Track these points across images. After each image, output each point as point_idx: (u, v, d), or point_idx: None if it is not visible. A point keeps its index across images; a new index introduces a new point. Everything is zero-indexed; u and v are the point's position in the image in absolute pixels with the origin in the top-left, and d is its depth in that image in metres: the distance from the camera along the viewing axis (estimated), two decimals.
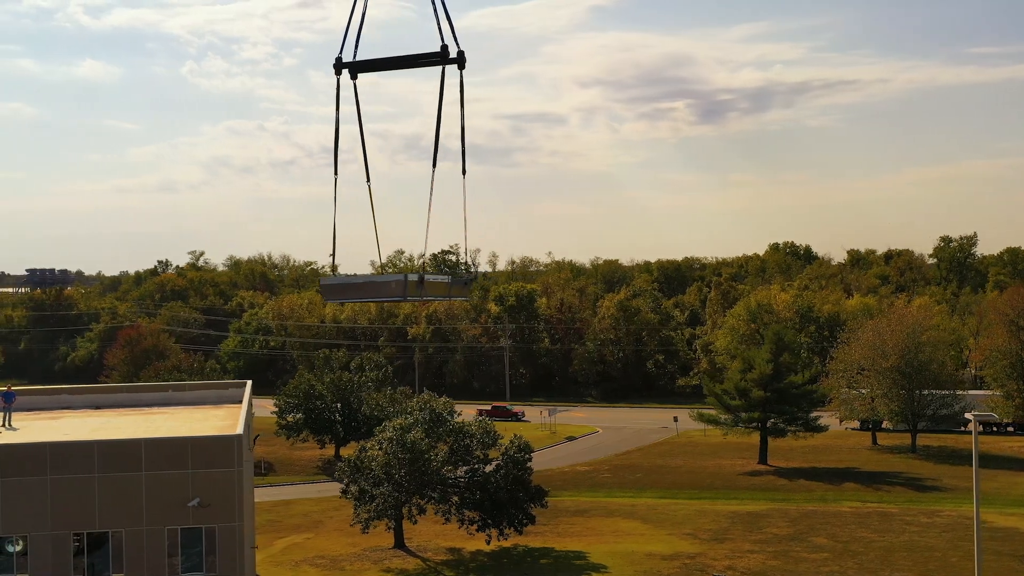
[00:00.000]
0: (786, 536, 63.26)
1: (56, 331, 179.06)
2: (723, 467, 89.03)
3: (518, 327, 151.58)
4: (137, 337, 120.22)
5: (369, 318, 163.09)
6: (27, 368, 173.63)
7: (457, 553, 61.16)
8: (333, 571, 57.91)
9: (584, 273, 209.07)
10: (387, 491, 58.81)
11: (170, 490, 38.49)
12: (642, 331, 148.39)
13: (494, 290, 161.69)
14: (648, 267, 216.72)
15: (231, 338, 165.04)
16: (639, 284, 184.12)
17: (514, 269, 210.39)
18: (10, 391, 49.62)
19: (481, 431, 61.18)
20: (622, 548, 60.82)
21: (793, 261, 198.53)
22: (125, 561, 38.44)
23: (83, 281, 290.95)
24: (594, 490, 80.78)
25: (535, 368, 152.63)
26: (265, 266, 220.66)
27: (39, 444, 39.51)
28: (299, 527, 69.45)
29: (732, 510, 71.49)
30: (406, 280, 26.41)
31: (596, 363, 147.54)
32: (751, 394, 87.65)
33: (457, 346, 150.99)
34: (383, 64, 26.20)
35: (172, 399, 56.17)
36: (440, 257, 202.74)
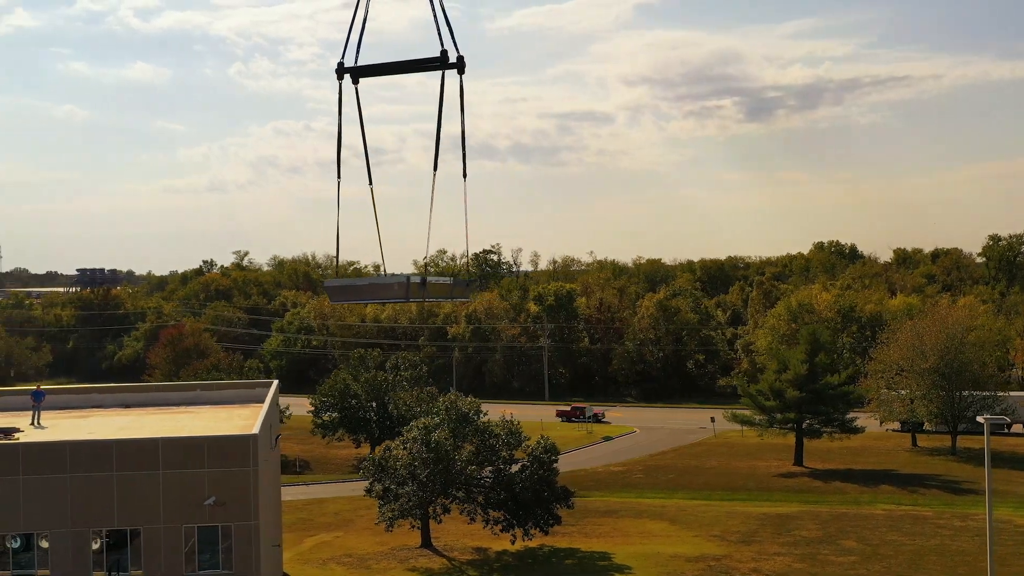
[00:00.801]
0: (815, 539, 62.65)
1: (103, 330, 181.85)
2: (757, 468, 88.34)
3: (557, 327, 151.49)
4: (178, 336, 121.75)
5: (410, 317, 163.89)
6: (75, 366, 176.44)
7: (483, 553, 61.28)
8: (359, 570, 58.26)
9: (626, 272, 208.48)
10: (411, 490, 59.05)
11: (187, 489, 39.05)
12: (682, 331, 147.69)
13: (533, 290, 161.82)
14: (691, 266, 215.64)
15: (273, 337, 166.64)
16: (681, 283, 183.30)
17: (555, 268, 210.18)
18: (39, 390, 50.61)
19: (506, 431, 61.21)
20: (648, 549, 60.60)
21: (838, 260, 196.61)
22: (143, 558, 39.01)
23: (133, 281, 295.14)
24: (625, 491, 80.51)
25: (574, 368, 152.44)
26: (309, 266, 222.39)
27: (59, 443, 40.24)
28: (330, 525, 69.93)
29: (762, 512, 70.92)
30: (408, 282, 26.64)
31: (635, 363, 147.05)
32: (786, 395, 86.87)
33: (496, 346, 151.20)
34: (384, 69, 26.43)
35: (200, 398, 56.94)
36: (481, 256, 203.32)
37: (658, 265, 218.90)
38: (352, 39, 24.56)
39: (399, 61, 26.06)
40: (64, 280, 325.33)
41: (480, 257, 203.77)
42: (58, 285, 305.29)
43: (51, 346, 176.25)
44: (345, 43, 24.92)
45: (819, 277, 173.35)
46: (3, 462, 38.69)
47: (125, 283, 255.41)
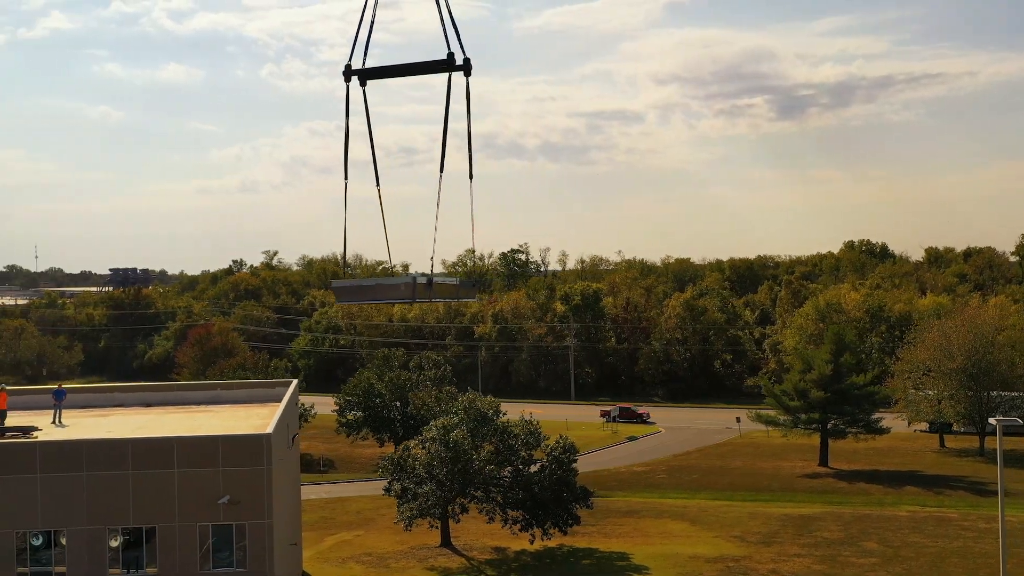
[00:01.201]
0: (836, 540, 62.22)
1: (135, 329, 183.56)
2: (782, 469, 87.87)
3: (584, 326, 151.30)
4: (206, 336, 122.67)
5: (437, 317, 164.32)
6: (106, 365, 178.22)
7: (501, 552, 61.33)
8: (378, 568, 58.47)
9: (654, 272, 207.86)
10: (430, 490, 59.20)
11: (202, 488, 39.34)
12: (709, 330, 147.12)
13: (560, 289, 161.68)
14: (720, 265, 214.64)
15: (302, 337, 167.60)
16: (709, 283, 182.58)
17: (583, 268, 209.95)
18: (60, 389, 51.19)
19: (525, 431, 61.22)
20: (667, 550, 60.43)
21: (868, 259, 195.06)
22: (159, 556, 39.36)
23: (165, 280, 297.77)
24: (648, 491, 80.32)
25: (601, 367, 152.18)
26: (338, 265, 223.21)
27: (76, 442, 40.69)
28: (351, 524, 70.23)
29: (784, 513, 70.52)
30: (415, 282, 26.76)
31: (662, 363, 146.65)
32: (810, 395, 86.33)
33: (523, 345, 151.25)
34: (392, 71, 26.61)
35: (221, 397, 57.40)
36: (509, 256, 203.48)
37: (687, 264, 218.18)
38: (360, 41, 24.73)
39: (407, 64, 26.24)
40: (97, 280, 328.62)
41: (508, 256, 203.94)
42: (91, 285, 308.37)
43: (83, 345, 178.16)
44: (352, 45, 25.03)
45: (849, 276, 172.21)
46: (21, 460, 39.17)
47: (156, 283, 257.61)
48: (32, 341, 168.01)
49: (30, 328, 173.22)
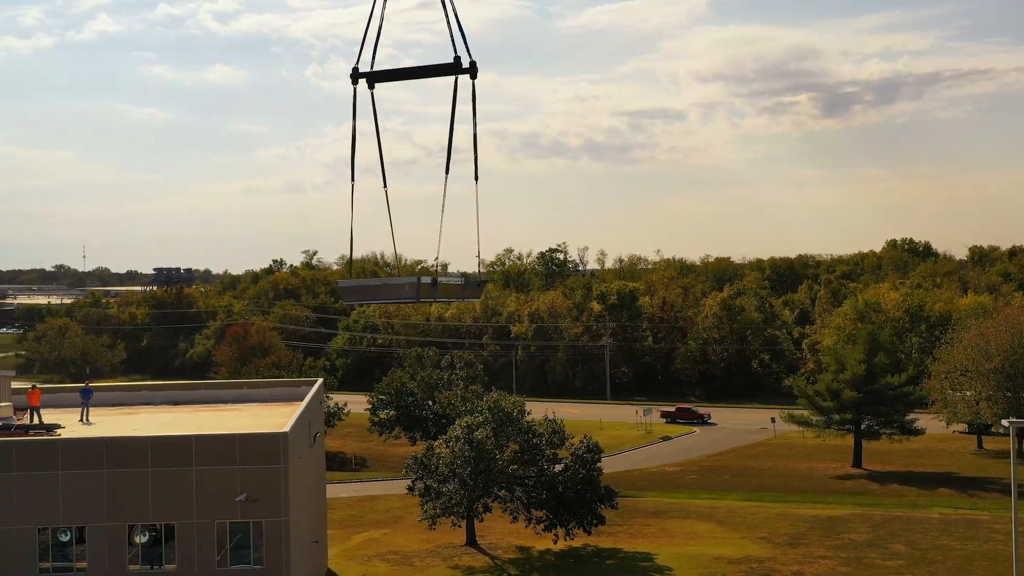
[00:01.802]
0: (864, 542, 61.66)
1: (176, 328, 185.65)
2: (815, 470, 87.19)
3: (620, 326, 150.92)
4: (244, 335, 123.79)
5: (474, 316, 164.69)
6: (148, 364, 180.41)
7: (526, 552, 61.44)
8: (403, 567, 58.81)
9: (693, 271, 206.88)
10: (454, 489, 59.44)
11: (220, 485, 39.79)
12: (746, 330, 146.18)
13: (596, 288, 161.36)
14: (760, 265, 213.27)
15: (340, 336, 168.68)
16: (748, 282, 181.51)
17: (622, 267, 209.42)
18: (87, 387, 52.02)
19: (550, 431, 61.27)
20: (691, 550, 60.23)
21: (910, 258, 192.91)
22: (177, 553, 39.89)
23: (209, 280, 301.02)
24: (677, 491, 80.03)
25: (637, 367, 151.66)
26: (377, 265, 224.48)
27: (96, 439, 41.33)
28: (379, 523, 70.67)
29: (814, 514, 69.98)
30: (419, 282, 27.05)
31: (699, 362, 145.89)
32: (843, 395, 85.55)
33: (559, 344, 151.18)
34: (400, 74, 26.93)
35: (247, 396, 58.08)
36: (547, 255, 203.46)
37: (726, 264, 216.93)
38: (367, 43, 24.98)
39: (413, 67, 26.55)
40: (142, 279, 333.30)
41: (546, 256, 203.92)
42: (137, 284, 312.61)
43: (125, 344, 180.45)
44: (360, 48, 25.29)
45: (890, 276, 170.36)
46: (43, 457, 39.85)
47: (198, 282, 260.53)
48: (76, 340, 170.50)
49: (74, 327, 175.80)
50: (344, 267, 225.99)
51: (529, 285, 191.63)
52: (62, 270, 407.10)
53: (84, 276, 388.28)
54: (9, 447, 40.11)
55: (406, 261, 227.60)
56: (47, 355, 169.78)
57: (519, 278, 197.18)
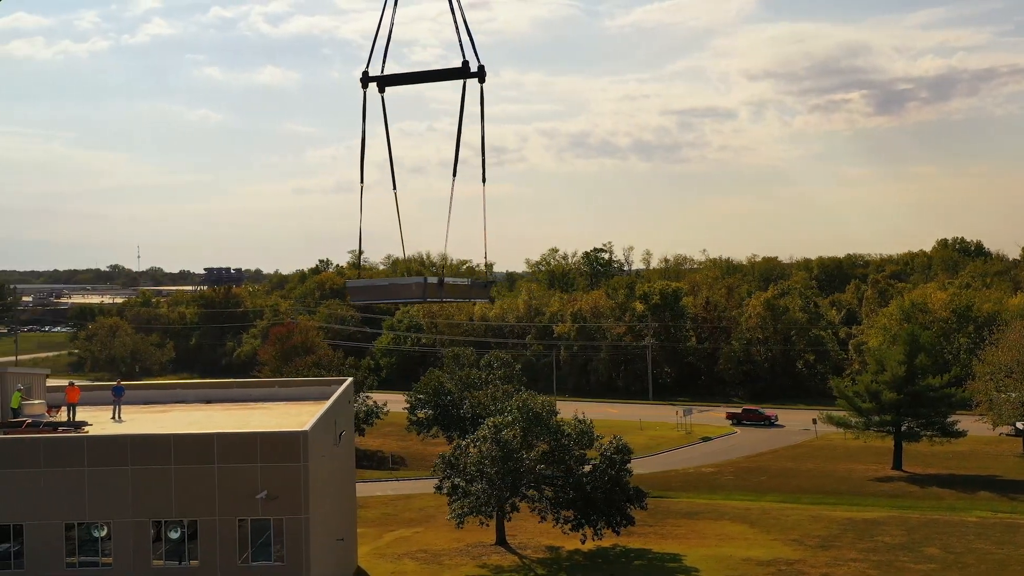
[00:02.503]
0: (897, 545, 60.92)
1: (224, 327, 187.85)
2: (854, 472, 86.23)
3: (663, 326, 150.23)
4: (287, 334, 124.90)
5: (517, 316, 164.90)
6: (196, 363, 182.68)
7: (555, 552, 61.48)
8: (431, 565, 59.12)
9: (740, 271, 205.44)
10: (481, 488, 59.63)
11: (241, 483, 40.31)
12: (791, 330, 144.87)
13: (639, 288, 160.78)
14: (807, 264, 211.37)
15: (384, 335, 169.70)
16: (795, 282, 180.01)
17: (667, 267, 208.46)
18: (119, 385, 52.96)
19: (578, 431, 61.24)
20: (721, 552, 59.90)
21: (960, 258, 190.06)
22: (200, 549, 40.48)
23: (259, 280, 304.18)
24: (712, 492, 79.61)
25: (680, 367, 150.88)
26: (424, 265, 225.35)
27: (121, 436, 42.07)
28: (412, 521, 71.08)
29: (848, 516, 69.26)
30: (426, 283, 27.43)
31: (743, 363, 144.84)
32: (882, 396, 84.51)
33: (602, 344, 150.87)
34: (410, 78, 27.34)
35: (278, 395, 58.73)
36: (592, 255, 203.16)
37: (773, 263, 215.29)
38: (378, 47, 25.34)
39: (424, 71, 26.95)
40: (194, 279, 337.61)
41: (591, 256, 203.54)
42: (189, 284, 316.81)
43: (174, 343, 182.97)
44: (371, 52, 25.66)
45: (939, 275, 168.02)
46: (70, 453, 40.63)
47: (247, 282, 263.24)
48: (126, 339, 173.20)
49: (124, 326, 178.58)
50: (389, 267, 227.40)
51: (573, 285, 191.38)
52: (116, 270, 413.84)
53: (138, 276, 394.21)
54: (37, 443, 40.96)
55: (452, 261, 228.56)
56: (98, 354, 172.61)
57: (563, 278, 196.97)
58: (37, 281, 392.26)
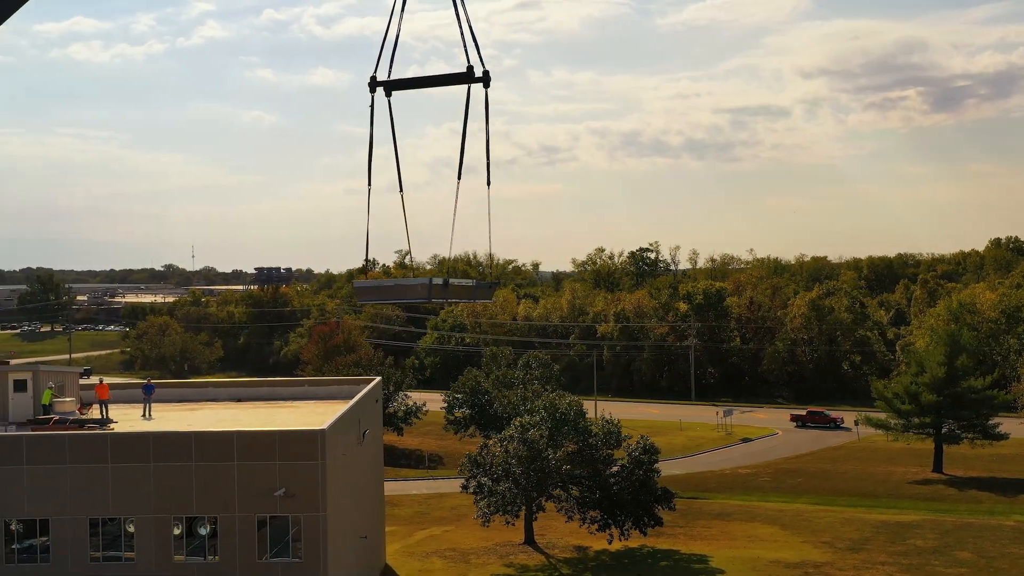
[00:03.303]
0: (929, 549, 60.16)
1: (272, 327, 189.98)
2: (893, 474, 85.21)
3: (707, 326, 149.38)
4: (329, 333, 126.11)
5: (561, 316, 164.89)
6: (244, 361, 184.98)
7: (582, 552, 61.52)
8: (458, 563, 59.43)
9: (788, 270, 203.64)
10: (507, 487, 59.84)
11: (259, 480, 40.83)
12: (836, 331, 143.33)
13: (683, 288, 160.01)
14: (857, 264, 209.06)
15: (429, 335, 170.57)
16: (842, 282, 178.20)
17: (714, 266, 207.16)
18: (149, 383, 53.93)
19: (605, 432, 61.22)
20: (749, 554, 59.54)
21: (1014, 257, 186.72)
22: (220, 545, 41.10)
23: (309, 279, 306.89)
24: (747, 494, 79.12)
25: (724, 367, 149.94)
26: (470, 264, 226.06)
27: (144, 433, 42.79)
28: (443, 519, 71.47)
29: (882, 519, 68.50)
30: (431, 284, 27.84)
31: (787, 363, 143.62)
32: (921, 398, 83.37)
33: (645, 344, 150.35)
34: (415, 83, 27.83)
35: (308, 393, 59.39)
36: (638, 255, 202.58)
37: (822, 263, 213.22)
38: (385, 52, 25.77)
39: (429, 76, 27.42)
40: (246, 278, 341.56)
41: (637, 255, 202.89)
42: (241, 283, 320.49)
43: (223, 342, 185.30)
44: (378, 56, 26.08)
45: (991, 275, 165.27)
46: (93, 450, 41.42)
47: (296, 281, 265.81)
48: (176, 337, 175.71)
49: (174, 325, 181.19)
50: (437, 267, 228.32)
51: (619, 285, 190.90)
52: (171, 270, 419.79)
53: (191, 276, 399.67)
54: (63, 440, 41.81)
55: (498, 261, 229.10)
56: (148, 352, 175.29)
57: (609, 277, 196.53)
58: (94, 280, 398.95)
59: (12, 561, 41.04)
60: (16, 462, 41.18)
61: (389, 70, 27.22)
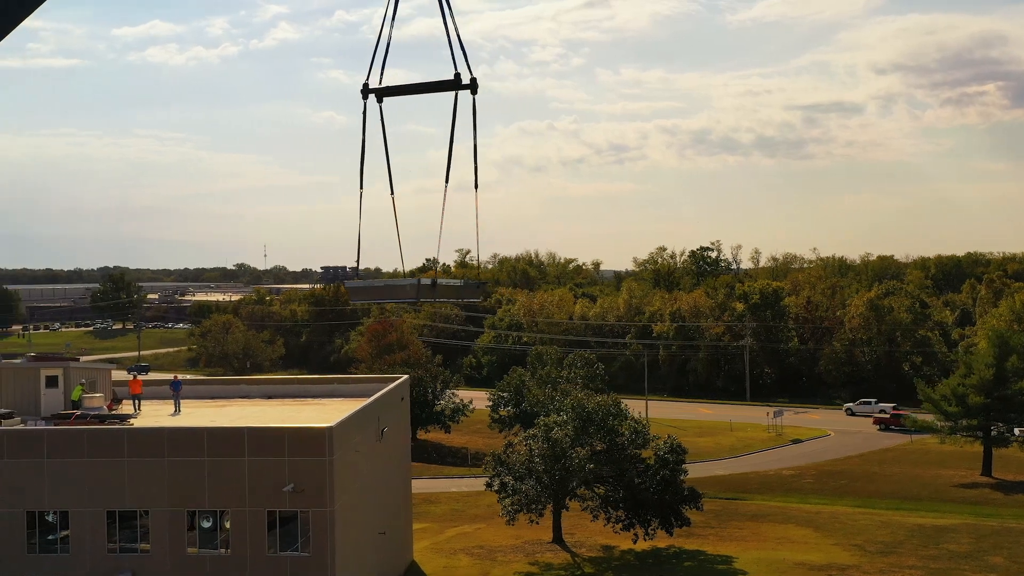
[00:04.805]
0: (961, 553, 59.07)
1: (334, 325, 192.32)
2: (940, 477, 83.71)
3: (763, 326, 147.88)
4: (383, 331, 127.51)
5: (617, 315, 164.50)
6: (306, 359, 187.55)
7: (609, 551, 61.53)
8: (484, 561, 59.84)
9: (853, 270, 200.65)
10: (530, 486, 60.10)
11: (269, 475, 41.70)
12: (895, 331, 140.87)
13: (739, 288, 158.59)
14: (924, 263, 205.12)
15: (486, 334, 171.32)
16: (908, 280, 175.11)
17: (776, 266, 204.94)
18: (177, 380, 55.37)
19: (632, 431, 61.16)
20: (775, 555, 59.05)
21: None
22: (231, 538, 42.05)
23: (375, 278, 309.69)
24: (787, 495, 78.39)
25: (781, 368, 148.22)
26: (532, 263, 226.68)
27: (158, 429, 43.95)
28: (476, 518, 71.94)
29: (919, 523, 67.38)
30: (419, 284, 28.60)
31: (845, 364, 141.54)
32: (968, 400, 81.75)
33: (700, 344, 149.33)
34: (406, 90, 28.58)
35: (337, 391, 60.30)
36: (699, 254, 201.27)
37: (888, 262, 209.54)
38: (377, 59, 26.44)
39: (419, 83, 28.18)
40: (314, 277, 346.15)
41: (697, 254, 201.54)
42: (308, 282, 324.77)
43: (284, 340, 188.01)
44: (370, 63, 26.78)
45: None
46: (111, 444, 42.66)
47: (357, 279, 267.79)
48: (239, 335, 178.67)
49: (237, 323, 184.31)
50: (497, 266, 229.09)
51: (679, 284, 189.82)
52: (242, 268, 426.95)
53: (262, 274, 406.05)
54: (82, 435, 43.13)
55: (559, 260, 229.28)
56: (212, 350, 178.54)
57: (668, 277, 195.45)
58: (168, 279, 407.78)
59: (33, 551, 42.47)
60: (38, 455, 42.59)
61: (381, 77, 27.87)
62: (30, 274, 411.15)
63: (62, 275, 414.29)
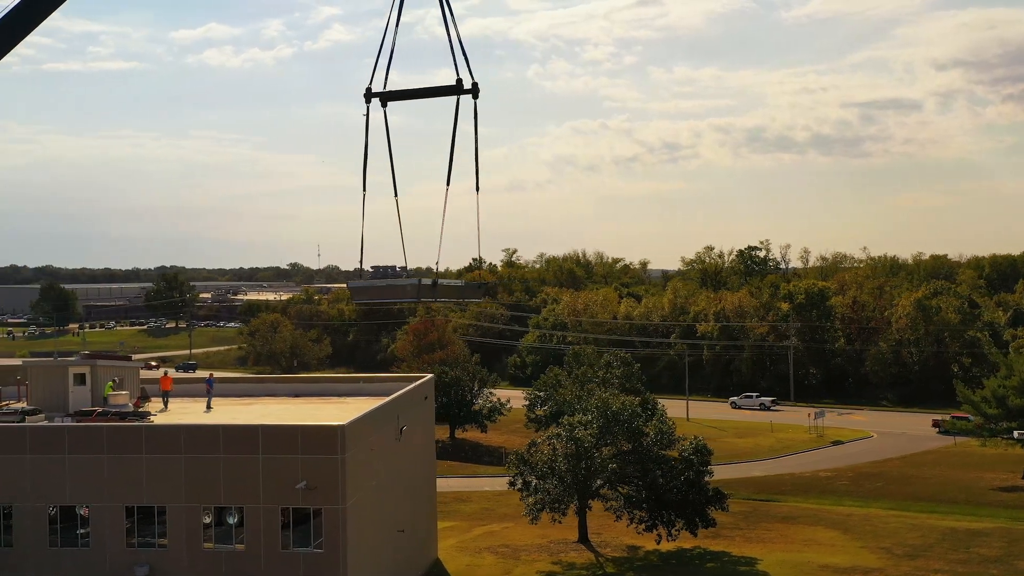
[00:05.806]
0: (991, 558, 58.10)
1: (380, 324, 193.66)
2: (980, 481, 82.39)
3: (808, 326, 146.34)
4: (424, 331, 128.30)
5: (661, 315, 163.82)
6: (353, 358, 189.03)
7: (633, 551, 61.39)
8: (508, 560, 60.00)
9: (904, 269, 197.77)
10: (553, 485, 60.16)
11: (283, 473, 42.27)
12: (943, 331, 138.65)
13: (784, 288, 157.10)
14: (978, 262, 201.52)
15: (531, 333, 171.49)
16: (960, 280, 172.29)
17: (825, 265, 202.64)
18: (210, 378, 56.45)
19: (657, 432, 61.00)
20: (800, 557, 58.55)
21: None
22: (246, 534, 42.69)
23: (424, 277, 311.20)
24: (821, 497, 77.64)
25: (827, 369, 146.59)
26: (579, 263, 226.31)
27: (175, 426, 44.75)
28: (505, 516, 72.09)
29: (951, 526, 66.40)
30: (420, 284, 29.00)
31: (891, 365, 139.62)
32: (1008, 402, 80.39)
33: (745, 344, 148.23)
34: (408, 94, 29.02)
35: (362, 390, 60.87)
36: (746, 253, 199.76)
37: (941, 261, 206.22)
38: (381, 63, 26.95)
39: (422, 88, 28.62)
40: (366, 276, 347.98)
41: (745, 254, 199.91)
42: None
43: (332, 339, 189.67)
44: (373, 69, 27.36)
45: None
46: (130, 441, 43.47)
47: None
48: (286, 334, 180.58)
49: (285, 322, 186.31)
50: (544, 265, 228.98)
51: (726, 283, 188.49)
52: (296, 268, 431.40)
53: (314, 274, 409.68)
54: (101, 431, 44.03)
55: (607, 259, 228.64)
56: (260, 348, 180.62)
57: (715, 276, 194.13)
58: (223, 278, 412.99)
59: (55, 545, 43.43)
60: (59, 451, 43.56)
61: (384, 82, 28.33)
62: (89, 273, 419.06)
63: (120, 274, 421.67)
